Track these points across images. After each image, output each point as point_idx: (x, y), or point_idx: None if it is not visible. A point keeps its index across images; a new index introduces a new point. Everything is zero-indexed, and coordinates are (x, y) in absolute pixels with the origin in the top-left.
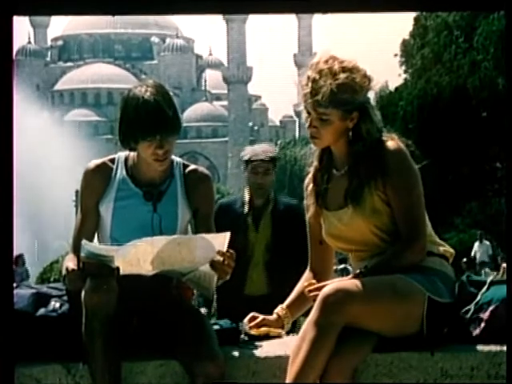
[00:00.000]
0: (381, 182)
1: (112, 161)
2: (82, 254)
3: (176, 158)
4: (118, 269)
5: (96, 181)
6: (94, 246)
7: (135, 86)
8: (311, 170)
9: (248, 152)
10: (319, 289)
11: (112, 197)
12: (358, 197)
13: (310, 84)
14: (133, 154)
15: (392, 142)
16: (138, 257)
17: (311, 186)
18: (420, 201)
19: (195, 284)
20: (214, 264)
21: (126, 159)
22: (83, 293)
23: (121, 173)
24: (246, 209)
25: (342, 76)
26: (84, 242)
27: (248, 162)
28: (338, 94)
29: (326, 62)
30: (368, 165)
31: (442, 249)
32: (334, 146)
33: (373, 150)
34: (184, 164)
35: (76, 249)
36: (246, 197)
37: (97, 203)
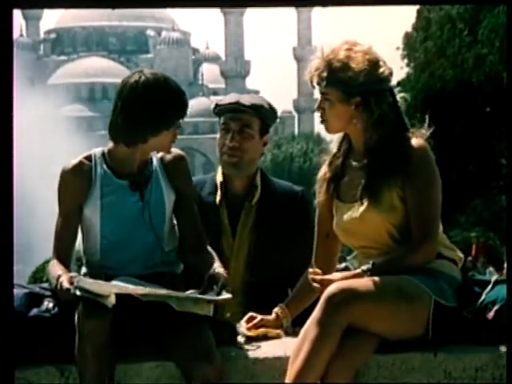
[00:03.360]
0: (400, 179)
1: (88, 158)
2: (78, 293)
3: None
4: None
5: (76, 182)
6: (88, 282)
7: (143, 73)
8: (328, 157)
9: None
10: (324, 282)
11: (97, 195)
12: (376, 192)
13: (316, 60)
14: (110, 148)
15: (417, 140)
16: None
17: (326, 172)
18: (437, 204)
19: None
20: None
21: (103, 154)
22: (76, 316)
23: (101, 168)
24: (219, 198)
25: (342, 53)
26: (77, 278)
27: (216, 111)
28: (335, 72)
29: (340, 45)
30: (390, 161)
31: (452, 252)
32: (351, 135)
33: (396, 144)
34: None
35: (58, 255)
36: (219, 177)
37: (79, 205)
